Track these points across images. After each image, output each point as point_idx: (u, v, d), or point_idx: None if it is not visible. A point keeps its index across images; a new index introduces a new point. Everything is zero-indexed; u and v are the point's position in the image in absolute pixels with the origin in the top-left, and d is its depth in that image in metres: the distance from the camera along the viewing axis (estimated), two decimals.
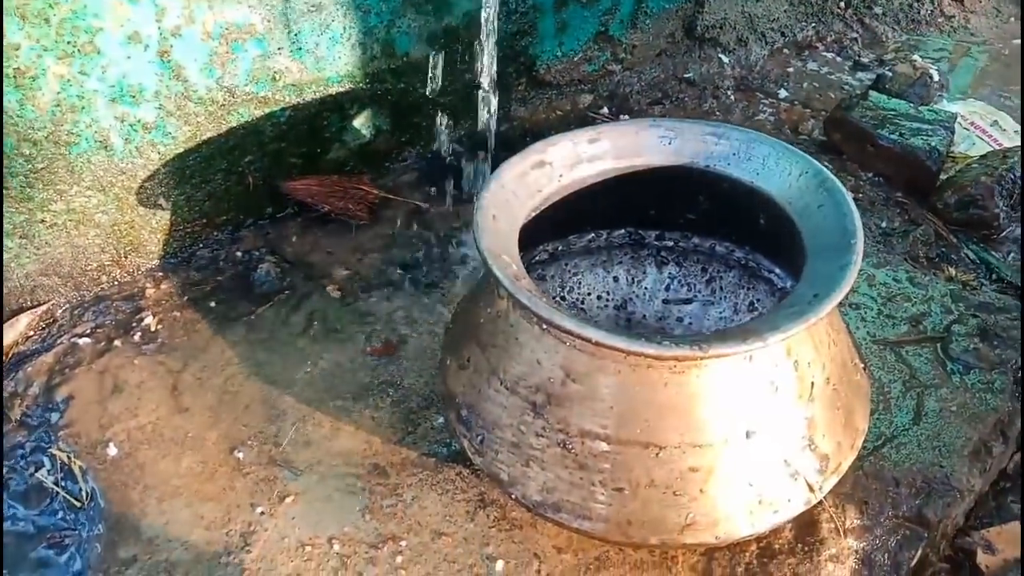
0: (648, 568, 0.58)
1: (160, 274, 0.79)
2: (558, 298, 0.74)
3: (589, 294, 0.75)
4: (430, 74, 0.74)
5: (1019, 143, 0.98)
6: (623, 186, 0.66)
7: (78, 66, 0.66)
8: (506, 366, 0.54)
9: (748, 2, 1.11)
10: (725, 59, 1.11)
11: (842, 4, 1.22)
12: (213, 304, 0.76)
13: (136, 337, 0.73)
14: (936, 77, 1.09)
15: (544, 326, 0.51)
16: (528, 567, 0.58)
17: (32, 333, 0.74)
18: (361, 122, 0.86)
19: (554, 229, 0.70)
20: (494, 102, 0.79)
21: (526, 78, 0.98)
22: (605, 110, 1.02)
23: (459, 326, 0.63)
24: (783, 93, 1.08)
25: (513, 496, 0.54)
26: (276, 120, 0.79)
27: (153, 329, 0.74)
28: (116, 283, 0.78)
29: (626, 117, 1.02)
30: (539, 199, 0.61)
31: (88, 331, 0.73)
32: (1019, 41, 1.21)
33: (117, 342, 0.72)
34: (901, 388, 0.71)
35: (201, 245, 0.81)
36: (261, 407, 0.68)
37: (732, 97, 1.07)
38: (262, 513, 0.60)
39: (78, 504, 0.62)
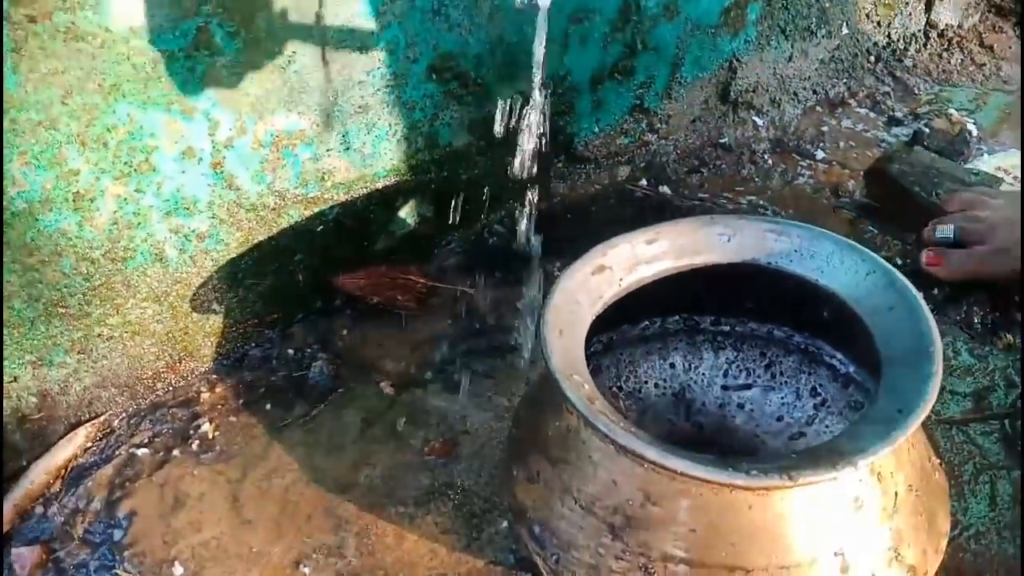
0: None
1: (214, 377, 0.79)
2: (614, 388, 0.73)
3: (646, 383, 0.74)
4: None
5: None
6: (681, 281, 0.65)
7: (134, 184, 0.67)
8: (579, 485, 0.53)
9: (779, 63, 1.11)
10: (759, 121, 1.11)
11: (872, 59, 1.22)
12: (268, 407, 0.76)
13: (194, 446, 0.73)
14: (975, 132, 1.08)
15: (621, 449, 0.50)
16: None
17: (91, 444, 0.74)
18: (406, 212, 0.86)
19: (608, 320, 0.69)
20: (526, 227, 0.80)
21: (564, 155, 0.98)
22: (644, 181, 1.02)
23: (523, 433, 0.62)
24: (820, 154, 1.08)
25: None
26: (325, 218, 0.79)
27: (211, 436, 0.73)
28: (171, 389, 0.78)
29: (665, 188, 1.01)
30: (600, 305, 0.61)
31: (146, 440, 0.73)
32: None
33: (175, 452, 0.72)
34: (972, 470, 0.69)
35: (253, 344, 0.82)
36: (323, 517, 0.67)
37: (769, 161, 1.06)
38: None
39: None
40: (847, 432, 0.50)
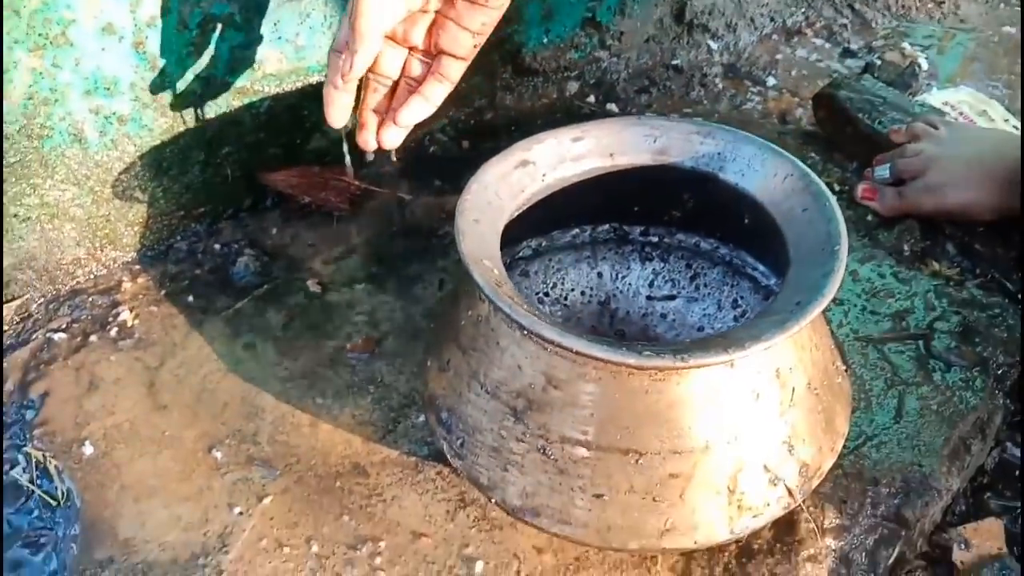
0: (628, 568, 0.58)
1: (137, 267, 0.78)
2: (542, 295, 0.73)
3: (573, 290, 0.74)
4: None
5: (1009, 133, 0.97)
6: (608, 183, 0.65)
7: (51, 59, 0.64)
8: (487, 370, 0.54)
9: None
10: (714, 45, 1.10)
11: None
12: (191, 299, 0.75)
13: (112, 332, 0.72)
14: (925, 66, 1.08)
15: (525, 332, 0.50)
16: (508, 568, 0.58)
17: (6, 327, 0.72)
18: None
19: (538, 225, 0.69)
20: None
21: (511, 65, 0.96)
22: (592, 98, 1.01)
23: (440, 327, 0.62)
24: (771, 81, 1.07)
25: (493, 500, 0.54)
26: (255, 110, 0.77)
27: (130, 324, 0.73)
28: (92, 277, 0.76)
29: (613, 106, 1.00)
30: (522, 199, 0.60)
31: (64, 326, 0.72)
32: (1009, 28, 1.20)
33: (93, 337, 0.71)
34: (883, 386, 0.71)
35: (179, 238, 0.80)
36: (239, 405, 0.67)
37: (720, 85, 1.06)
38: (240, 514, 0.60)
39: (54, 503, 0.62)
40: (747, 323, 0.50)
